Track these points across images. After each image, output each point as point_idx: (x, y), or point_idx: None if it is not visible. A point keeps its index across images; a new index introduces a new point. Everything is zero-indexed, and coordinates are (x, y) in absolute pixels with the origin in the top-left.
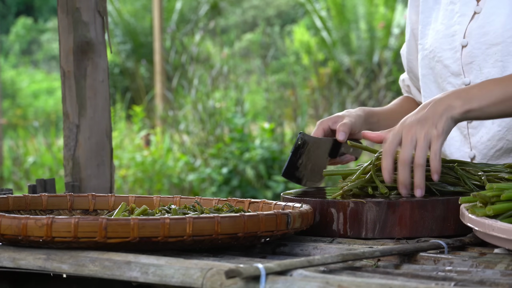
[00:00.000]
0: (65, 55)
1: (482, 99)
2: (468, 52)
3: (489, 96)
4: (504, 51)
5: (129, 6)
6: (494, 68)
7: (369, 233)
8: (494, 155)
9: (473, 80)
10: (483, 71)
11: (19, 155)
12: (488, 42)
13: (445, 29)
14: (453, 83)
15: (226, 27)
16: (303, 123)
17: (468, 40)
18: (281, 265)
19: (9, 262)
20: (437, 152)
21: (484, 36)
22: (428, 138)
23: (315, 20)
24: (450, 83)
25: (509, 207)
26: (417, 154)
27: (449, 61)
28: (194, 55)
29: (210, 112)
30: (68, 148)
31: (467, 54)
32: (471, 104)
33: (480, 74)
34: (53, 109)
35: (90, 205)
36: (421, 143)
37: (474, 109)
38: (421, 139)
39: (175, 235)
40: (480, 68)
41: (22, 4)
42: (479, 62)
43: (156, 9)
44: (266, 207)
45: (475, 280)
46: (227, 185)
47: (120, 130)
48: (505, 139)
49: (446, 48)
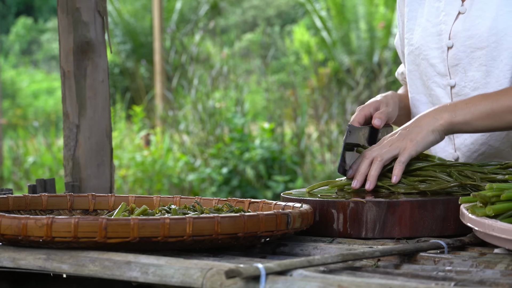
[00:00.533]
0: (65, 55)
1: (467, 113)
2: (453, 54)
3: (474, 110)
4: (489, 56)
5: (129, 6)
6: (478, 72)
7: (369, 233)
8: (477, 158)
9: (458, 82)
10: (468, 74)
11: (19, 155)
12: (473, 46)
13: (431, 27)
14: (438, 83)
15: (226, 27)
16: (303, 123)
17: (453, 42)
18: (281, 265)
19: (9, 262)
20: (401, 161)
21: (469, 39)
22: (399, 147)
23: (315, 20)
24: (436, 82)
25: (509, 207)
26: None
27: (436, 61)
28: (194, 55)
29: (210, 112)
30: (68, 148)
31: (452, 56)
32: (456, 117)
33: (465, 77)
34: (53, 109)
35: (90, 205)
36: (390, 148)
37: (459, 122)
38: (392, 146)
39: (175, 235)
40: (465, 71)
41: (22, 4)
42: (463, 65)
43: (156, 9)
44: (266, 207)
45: (475, 280)
46: (227, 185)
47: (120, 130)
48: (488, 144)
49: (432, 46)
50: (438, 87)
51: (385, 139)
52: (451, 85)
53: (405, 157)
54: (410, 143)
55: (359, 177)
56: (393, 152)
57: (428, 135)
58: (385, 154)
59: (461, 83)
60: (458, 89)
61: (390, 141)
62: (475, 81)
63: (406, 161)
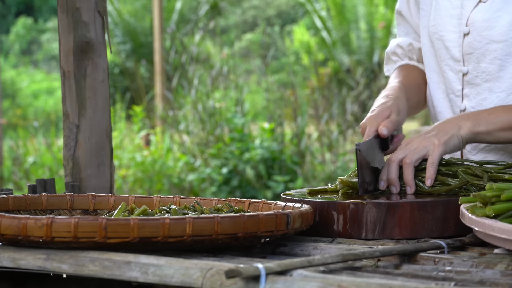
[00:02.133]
0: (65, 55)
1: (490, 124)
2: (469, 42)
3: (497, 121)
4: (505, 50)
5: (129, 6)
6: (492, 65)
7: (369, 235)
8: (484, 148)
9: (471, 71)
10: (481, 65)
11: (19, 155)
12: (490, 38)
13: (451, 8)
14: (451, 67)
15: (226, 27)
16: (303, 123)
17: (469, 29)
18: (281, 265)
19: (9, 262)
20: (434, 161)
21: (486, 30)
22: (427, 146)
23: (315, 20)
24: (448, 65)
25: (509, 207)
26: (408, 155)
27: (451, 44)
28: (194, 55)
29: (210, 112)
30: (68, 148)
31: (468, 44)
32: (479, 127)
33: (477, 67)
34: (53, 109)
35: (90, 205)
36: (417, 149)
37: (482, 132)
38: (419, 147)
39: (175, 235)
40: (478, 61)
41: (22, 4)
42: (477, 55)
43: (156, 9)
44: (266, 207)
45: (475, 280)
46: (227, 185)
47: (120, 130)
48: None
49: (449, 29)
50: (450, 71)
51: (407, 143)
52: (463, 72)
53: (436, 157)
54: (438, 144)
55: (394, 182)
56: (420, 153)
57: (453, 138)
58: (412, 155)
59: (473, 72)
60: (470, 77)
61: (415, 143)
62: (487, 73)
63: (437, 161)
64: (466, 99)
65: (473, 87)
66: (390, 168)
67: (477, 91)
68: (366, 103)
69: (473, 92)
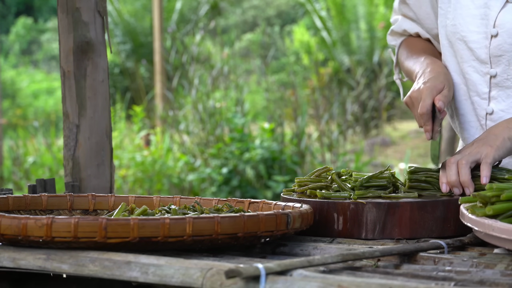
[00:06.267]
0: (65, 55)
1: None
2: (498, 44)
3: None
4: None
5: (129, 6)
6: None
7: (369, 234)
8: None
9: (500, 74)
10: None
11: (19, 155)
12: None
13: (474, 8)
14: (476, 68)
15: (226, 27)
16: (303, 123)
17: (498, 31)
18: (281, 265)
19: (9, 262)
20: (488, 161)
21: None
22: (480, 152)
23: (315, 20)
24: (473, 67)
25: (509, 207)
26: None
27: (475, 45)
28: (194, 55)
29: (210, 112)
30: (68, 148)
31: (496, 46)
32: None
33: (508, 69)
34: (53, 109)
35: (90, 205)
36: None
37: None
38: (473, 151)
39: (175, 235)
40: (509, 63)
41: (22, 4)
42: (508, 57)
43: (156, 9)
44: (266, 207)
45: (475, 280)
46: (227, 185)
47: (120, 130)
48: None
49: (473, 30)
50: (475, 73)
51: (463, 149)
52: (491, 75)
53: (490, 158)
54: (491, 148)
55: (454, 183)
56: (475, 156)
57: (505, 141)
58: (468, 157)
59: (503, 75)
60: (499, 80)
61: (469, 148)
62: None
63: (492, 162)
64: (494, 101)
65: (503, 89)
66: (450, 171)
67: (507, 94)
68: (366, 103)
69: (503, 95)
